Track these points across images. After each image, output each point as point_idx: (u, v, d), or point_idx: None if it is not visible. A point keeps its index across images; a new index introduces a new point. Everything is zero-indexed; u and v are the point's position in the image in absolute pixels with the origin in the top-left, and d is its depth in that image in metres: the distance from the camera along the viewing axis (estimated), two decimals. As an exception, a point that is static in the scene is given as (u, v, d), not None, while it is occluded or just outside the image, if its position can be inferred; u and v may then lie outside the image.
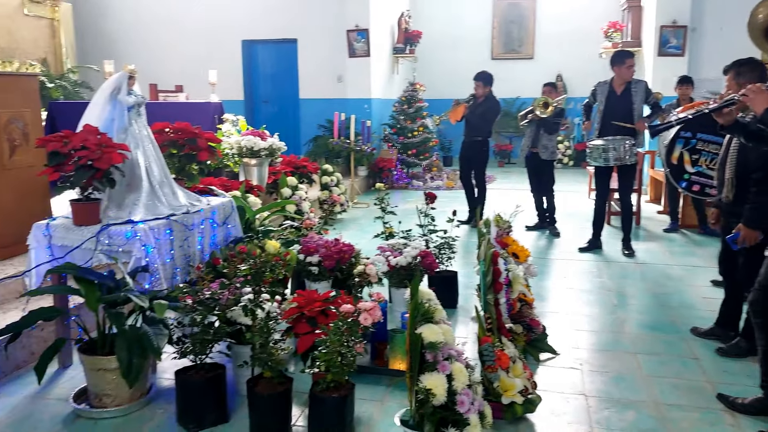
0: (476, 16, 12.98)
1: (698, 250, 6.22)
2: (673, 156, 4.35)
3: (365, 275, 3.60)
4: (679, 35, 9.15)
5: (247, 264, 2.80)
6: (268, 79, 11.95)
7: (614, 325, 4.24)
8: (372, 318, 2.58)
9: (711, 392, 3.24)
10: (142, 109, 3.77)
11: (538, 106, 6.75)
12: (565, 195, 9.05)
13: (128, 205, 3.48)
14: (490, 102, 7.20)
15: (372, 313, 2.58)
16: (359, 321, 2.56)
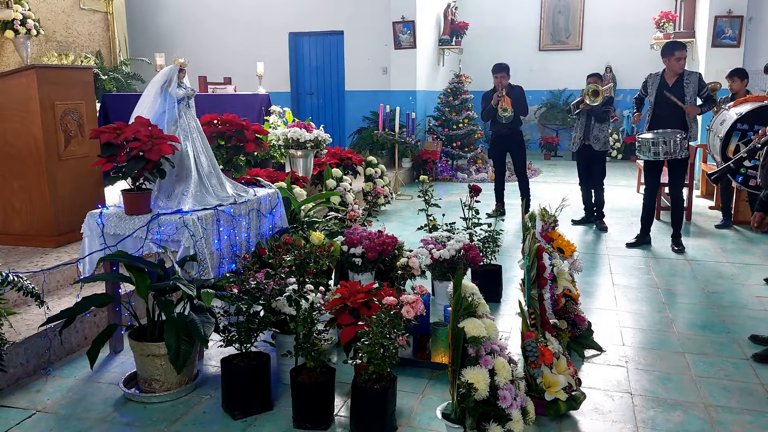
0: (523, 6, 12.77)
1: (752, 248, 6.01)
2: (729, 149, 4.21)
3: (408, 268, 3.61)
4: (735, 25, 8.81)
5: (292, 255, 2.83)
6: (313, 71, 12.04)
7: (662, 323, 4.14)
8: (414, 311, 2.59)
9: (763, 395, 3.14)
10: (191, 101, 3.85)
11: (588, 94, 6.60)
12: (614, 189, 8.86)
13: (177, 196, 3.57)
14: (519, 90, 7.07)
15: (414, 306, 2.58)
16: (402, 314, 2.57)
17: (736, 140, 4.17)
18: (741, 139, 4.17)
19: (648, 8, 11.38)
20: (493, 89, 6.99)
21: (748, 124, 4.13)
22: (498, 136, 7.17)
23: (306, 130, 6.77)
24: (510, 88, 6.95)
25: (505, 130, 7.05)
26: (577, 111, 6.76)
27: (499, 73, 6.92)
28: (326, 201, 5.01)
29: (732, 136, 4.18)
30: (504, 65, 7.01)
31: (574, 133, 6.92)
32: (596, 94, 6.57)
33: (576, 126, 6.86)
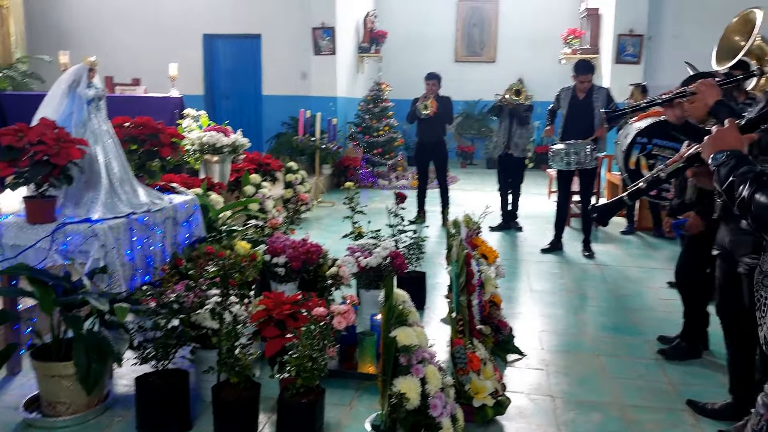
0: (440, 18, 13.03)
1: (654, 253, 6.37)
2: (631, 161, 4.44)
3: (338, 277, 3.54)
4: (636, 43, 9.36)
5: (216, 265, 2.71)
6: (229, 75, 11.74)
7: (577, 326, 4.29)
8: (346, 321, 2.53)
9: (673, 393, 3.30)
10: (102, 103, 3.63)
11: (511, 92, 6.82)
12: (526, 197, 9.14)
13: (86, 203, 3.34)
14: (447, 101, 7.23)
15: (346, 317, 2.53)
16: (332, 324, 2.50)
17: (636, 153, 4.42)
18: (641, 151, 4.41)
19: (557, 24, 11.88)
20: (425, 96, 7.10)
21: (647, 138, 4.38)
22: (422, 143, 7.27)
23: (223, 134, 6.56)
24: (439, 97, 7.09)
25: (429, 138, 7.17)
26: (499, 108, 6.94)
27: (431, 80, 7.09)
28: (245, 208, 4.86)
29: (633, 149, 4.42)
30: (436, 74, 7.20)
31: (496, 138, 7.17)
32: (518, 93, 6.79)
33: (498, 131, 7.10)
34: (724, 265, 2.74)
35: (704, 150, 1.54)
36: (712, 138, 1.52)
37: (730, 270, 2.68)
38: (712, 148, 1.50)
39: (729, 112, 2.51)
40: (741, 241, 2.53)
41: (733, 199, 1.39)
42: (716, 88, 2.59)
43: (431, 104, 7.04)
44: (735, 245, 2.57)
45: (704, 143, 1.55)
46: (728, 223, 2.62)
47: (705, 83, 2.62)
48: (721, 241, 2.72)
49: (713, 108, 2.56)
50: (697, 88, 2.65)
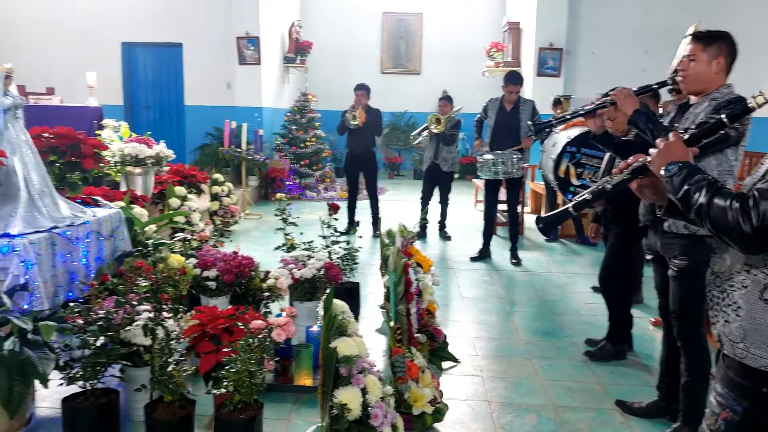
0: (366, 30, 13.12)
1: (577, 259, 6.63)
2: (560, 169, 4.62)
3: (276, 289, 3.49)
4: (556, 57, 9.77)
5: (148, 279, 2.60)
6: (149, 84, 11.39)
7: (509, 331, 4.40)
8: (286, 334, 2.49)
9: (602, 393, 3.44)
10: (19, 112, 3.44)
11: (432, 122, 7.03)
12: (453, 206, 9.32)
13: (3, 217, 3.15)
14: (377, 112, 7.32)
15: (286, 329, 2.49)
16: (272, 337, 2.46)
17: (566, 161, 4.60)
18: (570, 160, 4.61)
19: (480, 38, 12.23)
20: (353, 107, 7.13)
21: (576, 147, 4.58)
22: (352, 154, 7.30)
23: (146, 145, 6.33)
24: (369, 108, 7.14)
25: (358, 149, 7.21)
26: (420, 138, 7.20)
27: (359, 90, 7.16)
28: (171, 221, 4.70)
29: (563, 158, 4.60)
30: (365, 85, 7.29)
31: (426, 153, 7.36)
32: (438, 121, 6.99)
33: (426, 147, 7.31)
34: (659, 268, 2.89)
35: (654, 162, 1.62)
36: (661, 151, 1.60)
37: (664, 272, 2.82)
38: (662, 160, 1.58)
39: (647, 120, 2.67)
40: (669, 244, 2.67)
41: (689, 207, 1.47)
42: (633, 98, 2.75)
43: (360, 114, 7.09)
44: (665, 248, 2.72)
45: (653, 156, 1.63)
46: (656, 228, 2.77)
47: (622, 92, 2.78)
48: (653, 245, 2.86)
49: (632, 117, 2.71)
50: (615, 98, 2.80)
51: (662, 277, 2.89)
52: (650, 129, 2.62)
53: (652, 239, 2.88)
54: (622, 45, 10.12)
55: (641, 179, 1.74)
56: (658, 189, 1.74)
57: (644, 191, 1.76)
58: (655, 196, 1.76)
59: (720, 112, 2.39)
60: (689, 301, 2.64)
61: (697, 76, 2.58)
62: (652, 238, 2.88)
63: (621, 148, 3.04)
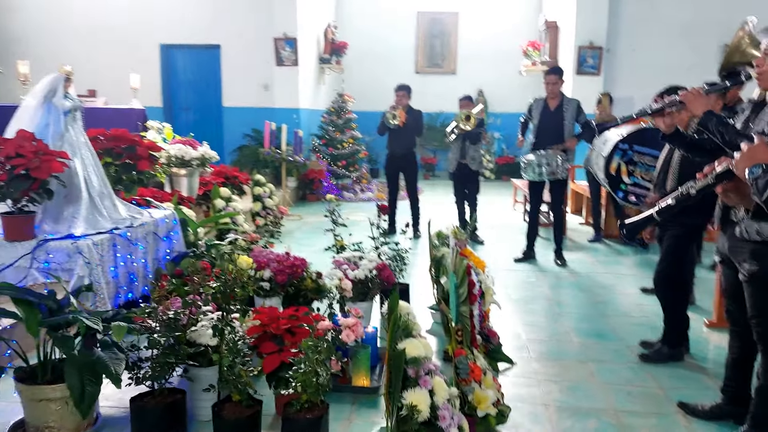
0: (401, 30, 13.12)
1: (622, 259, 6.53)
2: (611, 167, 4.55)
3: (340, 289, 3.49)
4: (596, 56, 9.64)
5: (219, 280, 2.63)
6: (188, 86, 11.56)
7: (560, 333, 4.34)
8: (355, 334, 2.49)
9: (663, 397, 3.37)
10: (78, 114, 3.51)
11: (461, 120, 6.99)
12: (490, 207, 9.27)
13: (67, 219, 3.22)
14: (418, 113, 7.31)
15: (355, 330, 2.49)
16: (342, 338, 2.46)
17: (617, 158, 4.53)
18: (622, 157, 4.54)
19: (517, 37, 12.13)
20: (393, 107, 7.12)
21: (628, 144, 4.50)
22: (393, 155, 7.30)
23: (191, 147, 6.42)
24: (410, 108, 7.13)
25: (399, 149, 7.20)
26: (453, 136, 7.10)
27: (400, 91, 7.16)
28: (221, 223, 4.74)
29: (614, 155, 4.53)
30: (406, 85, 7.27)
31: (451, 155, 7.28)
32: (468, 118, 6.94)
33: (452, 148, 7.22)
34: (727, 271, 2.82)
35: (738, 165, 1.58)
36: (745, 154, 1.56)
37: (733, 276, 2.75)
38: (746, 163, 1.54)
39: (718, 122, 2.60)
40: (738, 248, 2.60)
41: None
42: (704, 98, 2.68)
43: (400, 115, 7.07)
44: (734, 252, 2.65)
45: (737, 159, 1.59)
46: (725, 230, 2.70)
47: (693, 92, 2.71)
48: (721, 248, 2.79)
49: (703, 118, 2.64)
50: (684, 98, 2.73)
51: (731, 281, 2.82)
52: (720, 132, 2.55)
53: (721, 242, 2.81)
54: (666, 41, 9.94)
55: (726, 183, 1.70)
56: (743, 192, 1.70)
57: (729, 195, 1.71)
58: (740, 200, 1.72)
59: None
60: (766, 305, 2.57)
61: (774, 74, 2.51)
62: (721, 241, 2.81)
63: (693, 147, 2.97)
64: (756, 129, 2.55)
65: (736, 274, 2.72)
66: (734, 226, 2.61)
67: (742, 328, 2.85)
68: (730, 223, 2.65)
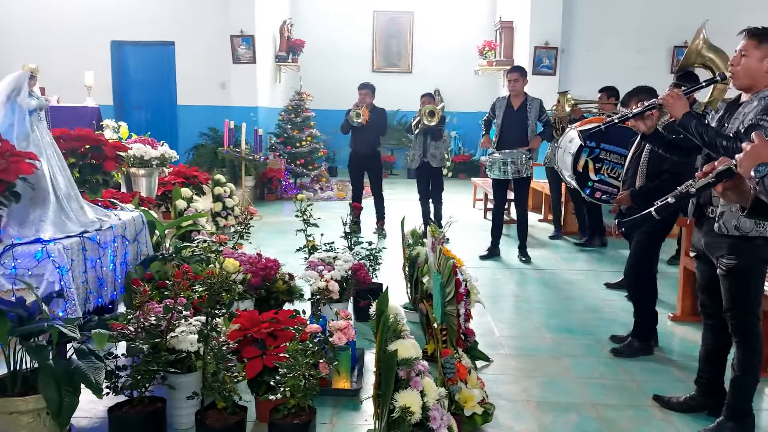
0: (357, 29, 13.08)
1: (583, 255, 6.68)
2: (579, 164, 4.63)
3: (327, 291, 3.44)
4: (551, 56, 9.83)
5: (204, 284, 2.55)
6: (141, 84, 11.24)
7: (532, 329, 4.41)
8: (346, 337, 2.46)
9: (637, 390, 3.45)
10: (42, 113, 3.36)
11: (425, 115, 7.00)
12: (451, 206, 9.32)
13: (34, 222, 3.07)
14: (382, 112, 7.30)
15: (346, 332, 2.46)
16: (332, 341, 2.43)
17: (585, 155, 4.62)
18: (589, 155, 4.63)
19: (472, 37, 12.26)
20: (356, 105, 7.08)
21: (595, 142, 4.60)
22: (356, 154, 7.26)
23: (150, 146, 6.24)
24: (373, 107, 7.10)
25: (363, 148, 7.16)
26: (417, 131, 7.10)
27: (363, 89, 7.12)
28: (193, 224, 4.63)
29: (582, 152, 4.62)
30: (369, 84, 7.25)
31: (413, 151, 7.28)
32: (432, 114, 6.97)
33: (414, 145, 7.23)
34: (702, 266, 2.91)
35: (742, 164, 1.63)
36: (748, 153, 1.61)
37: (708, 270, 2.84)
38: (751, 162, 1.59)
39: (698, 123, 2.68)
40: (716, 243, 2.69)
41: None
42: (683, 99, 2.76)
43: (363, 113, 7.04)
44: (710, 247, 2.74)
45: (740, 158, 1.64)
46: (701, 226, 2.78)
47: (672, 95, 2.79)
48: (697, 243, 2.88)
49: (683, 120, 2.72)
50: (664, 101, 2.81)
51: (705, 275, 2.91)
52: (700, 132, 2.63)
53: (696, 238, 2.90)
54: (617, 43, 10.21)
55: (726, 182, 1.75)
56: (740, 191, 1.75)
57: (728, 194, 1.76)
58: (737, 198, 1.77)
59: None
60: (743, 298, 2.67)
61: (748, 72, 2.60)
62: (696, 237, 2.90)
63: (671, 147, 3.05)
64: (730, 128, 2.64)
65: (711, 268, 2.81)
66: (710, 222, 2.70)
67: (716, 321, 2.95)
68: (706, 219, 2.74)
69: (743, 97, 2.69)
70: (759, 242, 2.60)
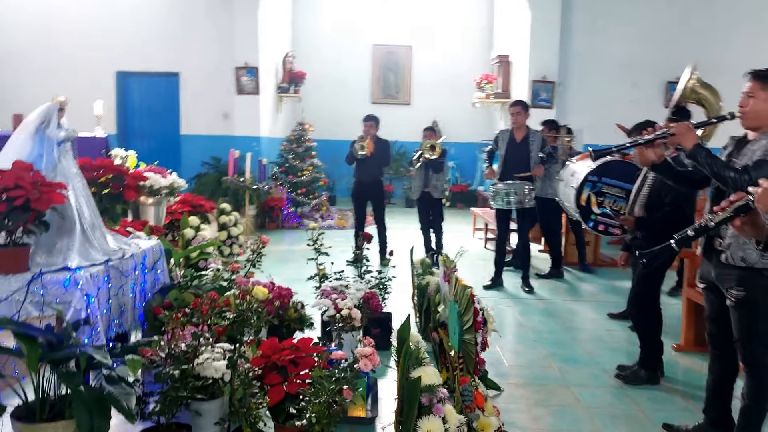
0: (356, 62, 13.33)
1: (584, 285, 6.79)
2: (582, 198, 4.78)
3: (350, 319, 3.52)
4: (549, 89, 10.07)
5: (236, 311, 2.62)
6: (145, 113, 11.38)
7: (540, 359, 4.49)
8: (372, 364, 2.54)
9: (645, 420, 3.53)
10: (68, 144, 3.45)
11: (426, 149, 7.20)
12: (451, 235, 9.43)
13: (61, 251, 3.14)
14: (385, 143, 7.46)
15: (372, 359, 2.54)
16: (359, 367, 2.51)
17: (587, 189, 4.77)
18: (592, 189, 4.77)
19: (470, 70, 12.52)
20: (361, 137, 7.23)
21: (597, 176, 4.75)
22: (360, 184, 7.39)
23: (161, 175, 6.33)
24: (378, 139, 7.25)
25: (366, 178, 7.30)
26: (419, 164, 7.28)
27: (368, 122, 7.27)
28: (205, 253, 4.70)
29: (584, 187, 4.76)
30: (374, 116, 7.42)
31: (414, 183, 7.47)
32: (433, 148, 7.17)
33: (416, 176, 7.42)
34: (712, 297, 3.01)
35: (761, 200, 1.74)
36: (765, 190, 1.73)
37: (717, 301, 2.95)
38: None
39: (707, 155, 2.82)
40: (725, 275, 2.80)
41: None
42: (693, 132, 2.90)
43: (368, 145, 7.19)
44: (720, 278, 2.85)
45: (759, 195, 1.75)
46: (710, 258, 2.90)
47: (684, 126, 2.92)
48: (706, 275, 2.99)
49: (692, 151, 2.85)
50: (677, 130, 2.94)
51: (714, 306, 3.02)
52: (709, 164, 2.77)
53: (705, 269, 3.01)
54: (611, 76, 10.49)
55: (743, 217, 1.86)
56: (757, 226, 1.87)
57: (745, 228, 1.88)
58: (754, 233, 1.89)
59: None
60: (752, 329, 2.77)
61: (756, 113, 2.74)
62: (705, 268, 3.01)
63: (680, 178, 3.18)
64: (739, 163, 2.78)
65: (720, 299, 2.92)
66: (719, 254, 2.81)
67: (724, 351, 3.05)
68: (714, 251, 2.85)
69: (750, 135, 2.83)
70: (766, 273, 2.71)
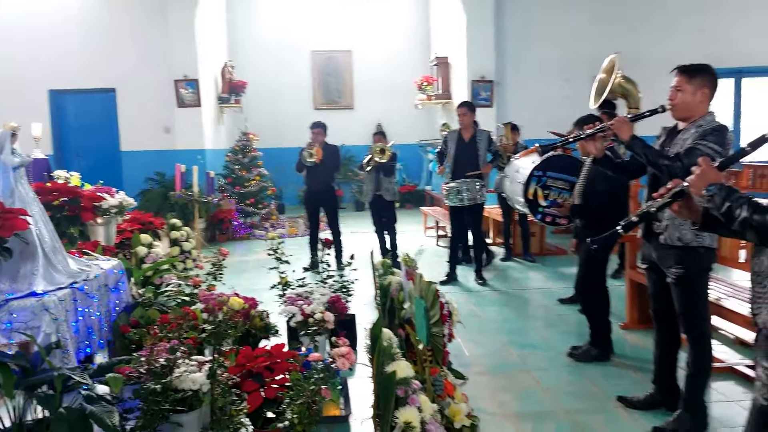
0: (296, 68, 13.35)
1: (533, 274, 7.08)
2: (529, 192, 5.00)
3: (323, 322, 3.60)
4: (488, 88, 10.39)
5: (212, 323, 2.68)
6: (81, 131, 11.12)
7: (499, 347, 4.69)
8: (349, 362, 2.65)
9: (602, 395, 3.77)
10: (23, 170, 3.43)
11: (376, 152, 7.32)
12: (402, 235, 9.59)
13: (26, 276, 3.13)
14: (334, 149, 7.55)
15: (348, 357, 2.65)
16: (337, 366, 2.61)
17: (534, 184, 4.99)
18: (537, 183, 5.01)
19: (410, 72, 12.74)
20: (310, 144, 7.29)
21: (542, 171, 4.99)
22: (311, 191, 7.45)
23: (108, 194, 6.25)
24: (326, 145, 7.32)
25: (317, 185, 7.36)
26: (369, 168, 7.41)
27: (315, 129, 7.32)
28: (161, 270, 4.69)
29: (531, 181, 4.99)
30: (321, 123, 7.45)
31: (366, 187, 7.59)
32: (383, 152, 7.31)
33: (367, 180, 7.53)
34: (654, 276, 3.26)
35: (694, 185, 1.95)
36: (699, 176, 1.94)
37: (659, 280, 3.20)
38: (702, 183, 1.91)
39: (643, 145, 3.07)
40: (665, 255, 3.05)
41: (732, 220, 1.80)
42: (629, 124, 3.14)
43: (316, 152, 7.26)
44: (660, 259, 3.10)
45: (692, 180, 1.96)
46: (650, 240, 3.15)
47: (621, 120, 3.16)
48: (647, 256, 3.24)
49: (629, 142, 3.09)
50: (614, 124, 3.18)
51: (656, 284, 3.27)
52: (645, 154, 3.02)
53: (646, 250, 3.26)
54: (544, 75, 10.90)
55: (680, 201, 2.08)
56: (692, 209, 2.09)
57: (682, 211, 2.09)
58: (690, 215, 2.11)
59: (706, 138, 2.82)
60: (692, 303, 3.02)
61: (685, 105, 3.00)
62: (646, 250, 3.26)
63: (618, 168, 3.43)
64: (671, 152, 3.03)
65: (661, 278, 3.17)
66: (658, 236, 3.06)
67: (667, 325, 3.31)
68: (653, 234, 3.10)
69: (680, 125, 3.10)
70: (701, 251, 2.98)
